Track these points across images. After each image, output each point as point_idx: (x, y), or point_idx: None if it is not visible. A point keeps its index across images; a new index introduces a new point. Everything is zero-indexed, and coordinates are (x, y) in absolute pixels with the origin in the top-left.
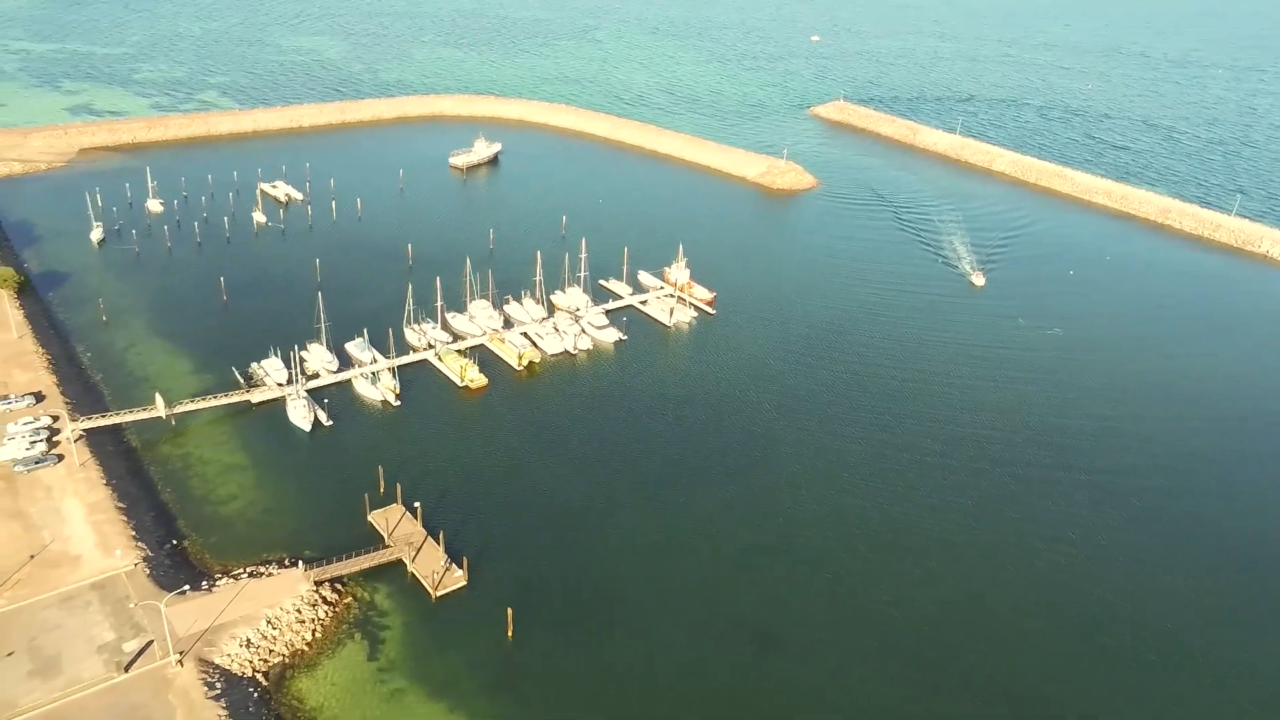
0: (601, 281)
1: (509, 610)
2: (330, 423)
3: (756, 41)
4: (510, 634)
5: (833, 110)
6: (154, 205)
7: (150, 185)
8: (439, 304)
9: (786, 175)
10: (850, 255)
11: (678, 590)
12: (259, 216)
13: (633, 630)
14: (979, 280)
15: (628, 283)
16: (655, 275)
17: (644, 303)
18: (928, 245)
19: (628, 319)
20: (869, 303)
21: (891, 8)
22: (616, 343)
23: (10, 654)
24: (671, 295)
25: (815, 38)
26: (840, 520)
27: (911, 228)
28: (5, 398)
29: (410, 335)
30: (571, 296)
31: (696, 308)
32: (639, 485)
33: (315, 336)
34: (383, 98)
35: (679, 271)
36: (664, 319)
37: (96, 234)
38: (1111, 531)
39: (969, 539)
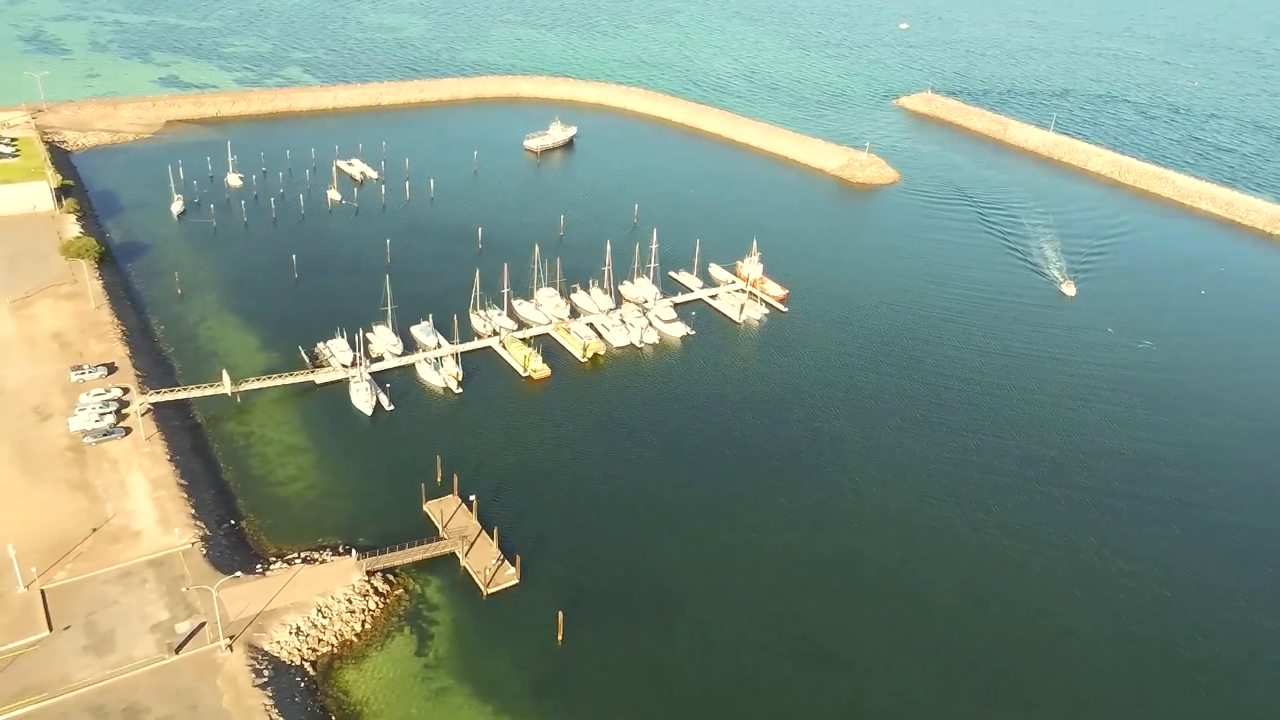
0: (671, 273)
1: (560, 614)
2: (391, 407)
3: (841, 28)
4: (560, 637)
5: (919, 102)
6: (233, 179)
7: (230, 159)
8: (505, 290)
9: (868, 169)
10: (931, 256)
11: (735, 600)
12: (334, 194)
13: (686, 640)
14: (1069, 290)
15: (698, 276)
16: (727, 269)
17: (714, 297)
18: (1014, 249)
19: (696, 313)
20: (949, 307)
21: None
22: (684, 337)
23: (67, 627)
24: (743, 290)
25: (903, 25)
26: (907, 536)
27: (997, 230)
28: (79, 368)
29: (476, 321)
30: (640, 288)
31: (768, 304)
32: (700, 487)
33: (381, 318)
34: (461, 77)
35: (752, 266)
36: (734, 315)
37: (177, 206)
38: (1202, 568)
39: (1044, 565)
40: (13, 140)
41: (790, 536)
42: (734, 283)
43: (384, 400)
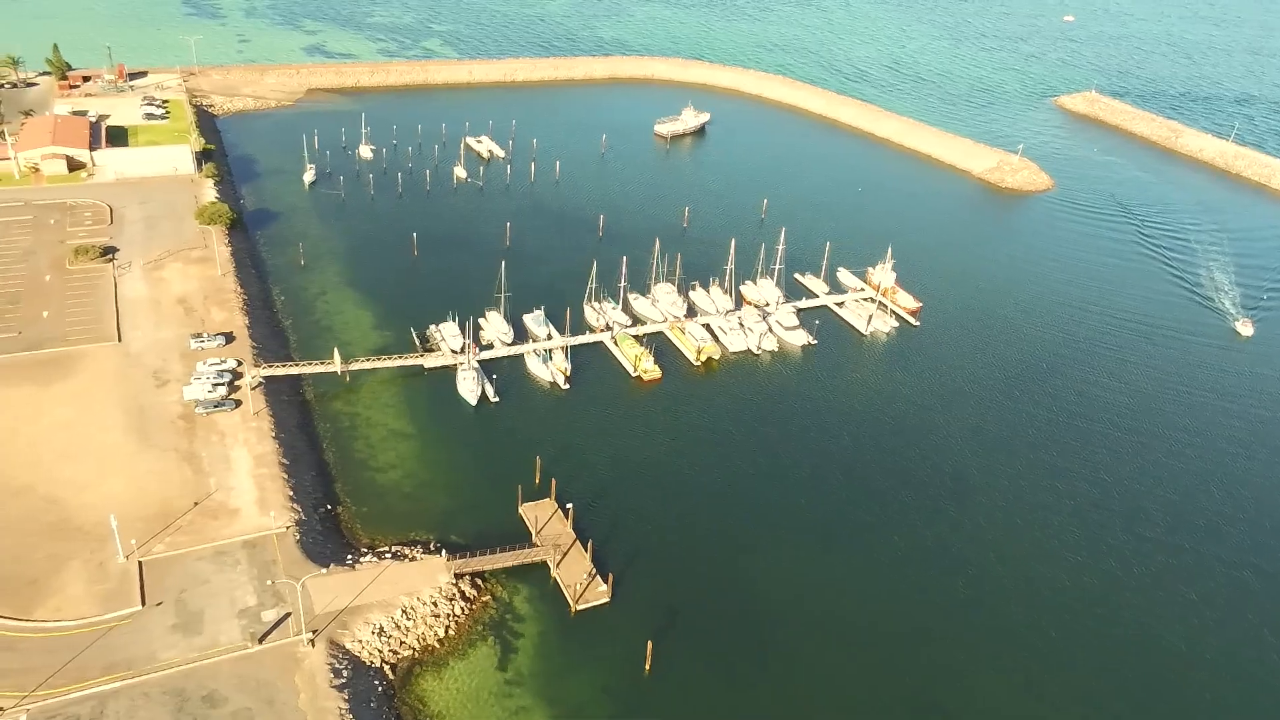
0: (797, 276)
1: (649, 643)
2: (497, 399)
3: (1000, 18)
4: (648, 667)
5: (1081, 102)
6: (365, 151)
7: (364, 130)
8: (622, 284)
9: (1019, 173)
10: (1082, 276)
11: (836, 643)
12: (460, 171)
13: (781, 683)
14: (1245, 328)
15: (825, 281)
16: (857, 275)
17: (840, 305)
18: (1180, 275)
19: (820, 321)
20: (1098, 337)
21: None
22: (805, 346)
23: (159, 604)
24: (872, 300)
25: (1069, 18)
26: (1031, 591)
27: (1161, 251)
28: (199, 335)
29: (589, 314)
30: (762, 289)
31: (898, 316)
32: (808, 512)
33: (495, 304)
34: (596, 56)
35: (884, 274)
36: (860, 326)
37: (309, 175)
38: None
39: (1192, 643)
40: (164, 102)
41: (903, 576)
42: (863, 290)
43: (490, 391)
